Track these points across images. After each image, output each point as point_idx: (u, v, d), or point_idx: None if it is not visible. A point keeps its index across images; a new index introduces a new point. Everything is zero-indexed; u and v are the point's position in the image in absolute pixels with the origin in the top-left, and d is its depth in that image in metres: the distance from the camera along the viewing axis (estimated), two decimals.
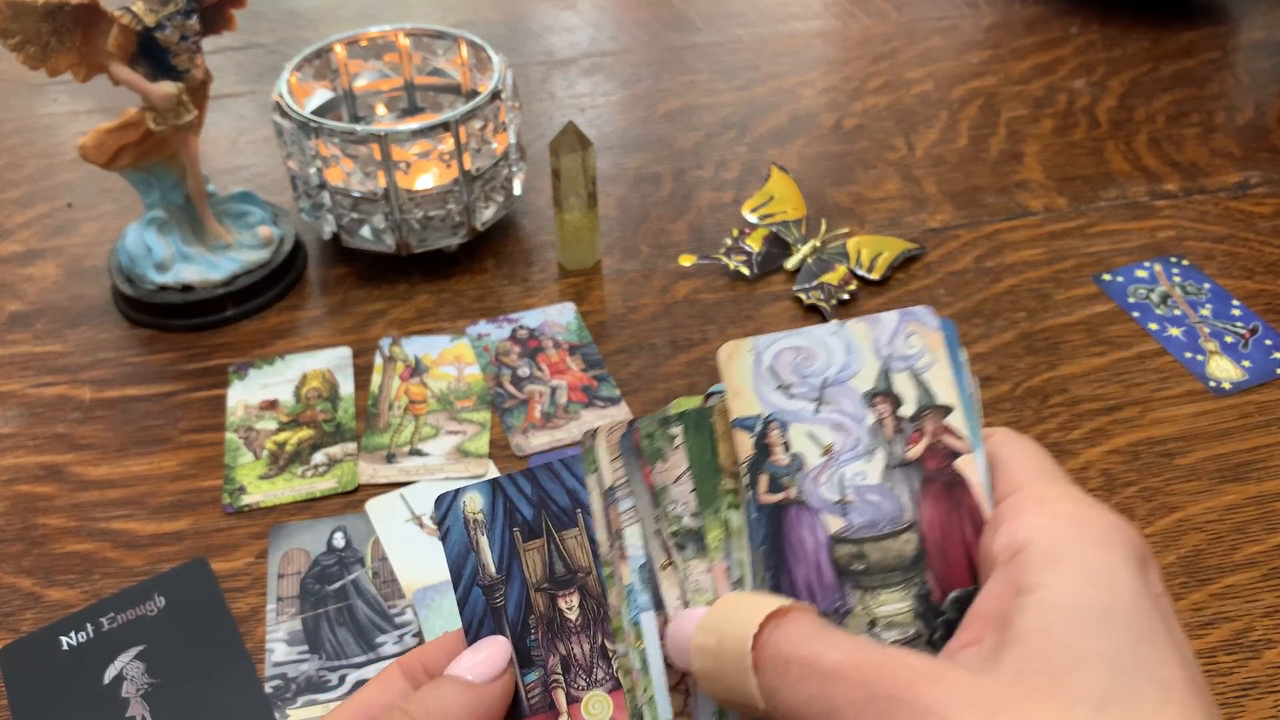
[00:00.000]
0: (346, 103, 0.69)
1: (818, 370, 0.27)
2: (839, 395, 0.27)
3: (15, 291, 0.64)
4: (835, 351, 0.28)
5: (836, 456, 0.27)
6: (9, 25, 0.51)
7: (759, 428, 0.27)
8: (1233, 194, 0.71)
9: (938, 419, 0.27)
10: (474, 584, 0.29)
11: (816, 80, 0.84)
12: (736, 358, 0.28)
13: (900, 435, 0.27)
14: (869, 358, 0.28)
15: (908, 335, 0.28)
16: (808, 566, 0.26)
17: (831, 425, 0.27)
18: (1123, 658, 0.21)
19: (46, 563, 0.49)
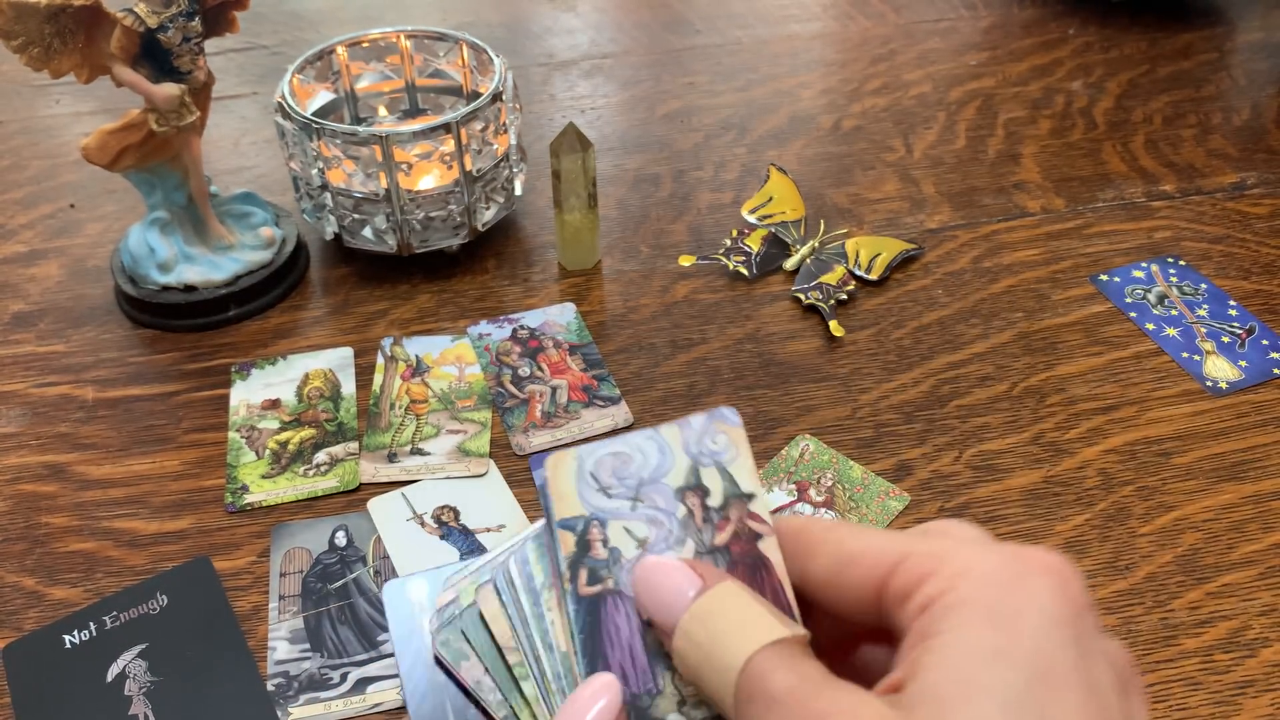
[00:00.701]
0: (348, 104, 0.69)
1: (634, 472, 0.30)
2: (653, 492, 0.30)
3: (18, 292, 0.65)
4: (649, 454, 0.30)
5: (650, 547, 0.29)
6: (12, 27, 0.51)
7: (580, 527, 0.29)
8: (1229, 195, 0.71)
9: (742, 506, 0.29)
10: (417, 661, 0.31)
11: (815, 82, 0.85)
12: (562, 467, 0.30)
13: (709, 524, 0.29)
14: (680, 456, 0.30)
15: (715, 434, 0.30)
16: (622, 652, 0.28)
17: (646, 520, 0.29)
18: (1014, 694, 0.22)
19: (49, 562, 0.49)
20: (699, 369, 0.58)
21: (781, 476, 0.52)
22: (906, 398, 0.56)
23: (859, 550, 0.26)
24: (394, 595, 0.31)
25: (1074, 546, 0.49)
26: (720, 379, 0.57)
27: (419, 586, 0.31)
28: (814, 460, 0.52)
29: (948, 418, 0.55)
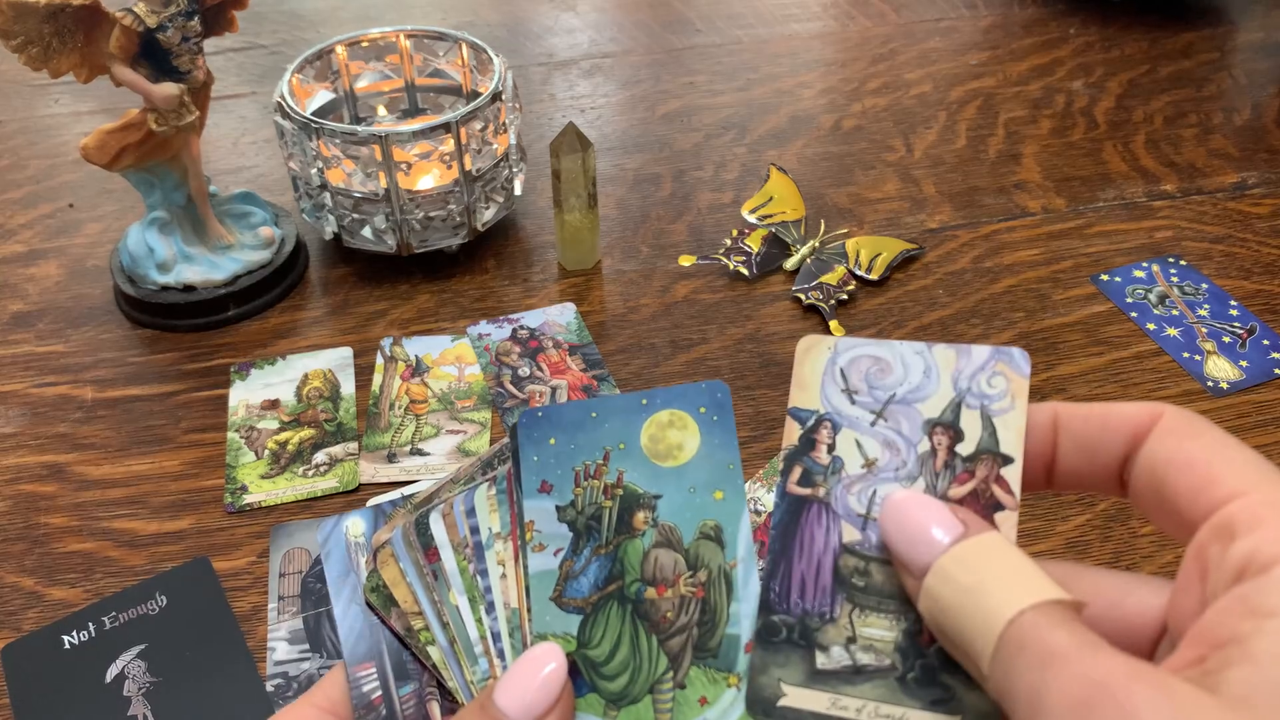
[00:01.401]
0: (348, 104, 0.69)
1: (889, 385, 0.27)
2: (901, 414, 0.27)
3: (17, 291, 0.65)
4: (913, 371, 0.27)
5: (876, 472, 0.27)
6: (11, 26, 0.51)
7: (810, 422, 0.27)
8: (1230, 194, 0.71)
9: (993, 466, 0.26)
10: (352, 602, 0.29)
11: (815, 81, 0.84)
12: (813, 353, 0.27)
13: (949, 471, 0.26)
14: (945, 386, 0.27)
15: (993, 374, 0.27)
16: (809, 562, 0.26)
17: (882, 441, 0.27)
18: None
19: (48, 562, 0.49)
20: (699, 369, 0.58)
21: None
22: None
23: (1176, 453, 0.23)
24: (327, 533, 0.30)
25: (1075, 547, 0.49)
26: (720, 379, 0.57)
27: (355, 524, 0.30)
28: None
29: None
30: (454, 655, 0.28)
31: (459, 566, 0.28)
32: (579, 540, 0.27)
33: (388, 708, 0.28)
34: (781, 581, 0.26)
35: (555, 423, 0.28)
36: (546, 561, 0.27)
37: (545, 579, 0.27)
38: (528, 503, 0.28)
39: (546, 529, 0.27)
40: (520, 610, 0.27)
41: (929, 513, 0.24)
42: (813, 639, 0.25)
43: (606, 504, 0.28)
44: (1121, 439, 0.24)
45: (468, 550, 0.28)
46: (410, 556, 0.28)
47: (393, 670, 0.28)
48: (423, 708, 0.28)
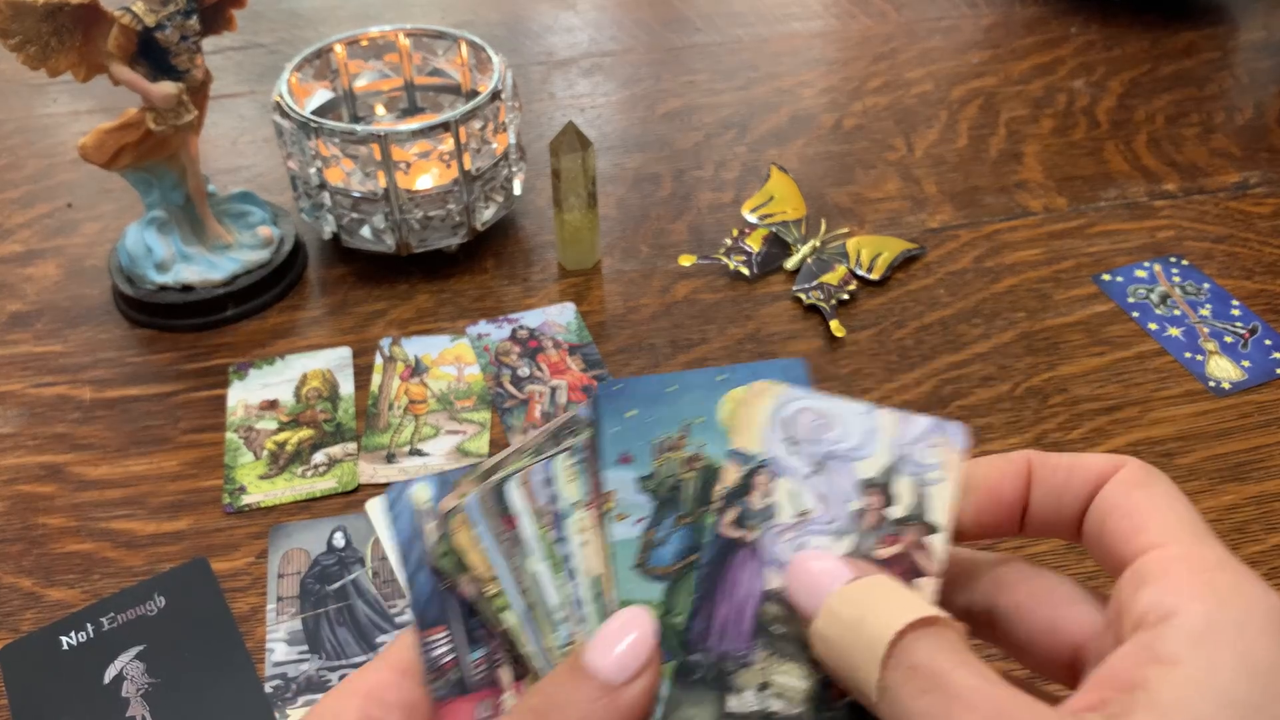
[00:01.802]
0: (346, 103, 0.69)
1: (829, 440, 0.28)
2: (838, 470, 0.28)
3: (15, 291, 0.64)
4: (854, 430, 0.28)
5: (808, 524, 0.27)
6: (9, 25, 0.51)
7: (751, 465, 0.28)
8: (1232, 194, 0.71)
9: (920, 533, 0.27)
10: (421, 567, 0.29)
11: (816, 80, 0.84)
12: (761, 399, 0.29)
13: (877, 532, 0.27)
14: (884, 450, 0.28)
15: (930, 445, 0.28)
16: (731, 607, 0.27)
17: (817, 494, 0.27)
18: None
19: (47, 562, 0.49)
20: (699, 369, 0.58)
21: None
22: (908, 398, 0.56)
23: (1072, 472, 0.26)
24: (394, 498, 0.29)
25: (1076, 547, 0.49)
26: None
27: (422, 489, 0.29)
28: None
29: (949, 418, 0.55)
30: (532, 621, 0.28)
31: (539, 533, 0.28)
32: (661, 510, 0.28)
33: (459, 672, 0.28)
34: (704, 621, 0.26)
35: (634, 396, 0.29)
36: (628, 530, 0.27)
37: (627, 547, 0.27)
38: (608, 474, 0.28)
39: (627, 499, 0.28)
40: (603, 577, 0.27)
41: (824, 563, 0.25)
42: (726, 682, 0.26)
43: (687, 476, 0.28)
44: (1085, 488, 0.26)
45: (547, 518, 0.28)
46: (487, 523, 0.28)
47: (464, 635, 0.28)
48: (493, 672, 0.28)
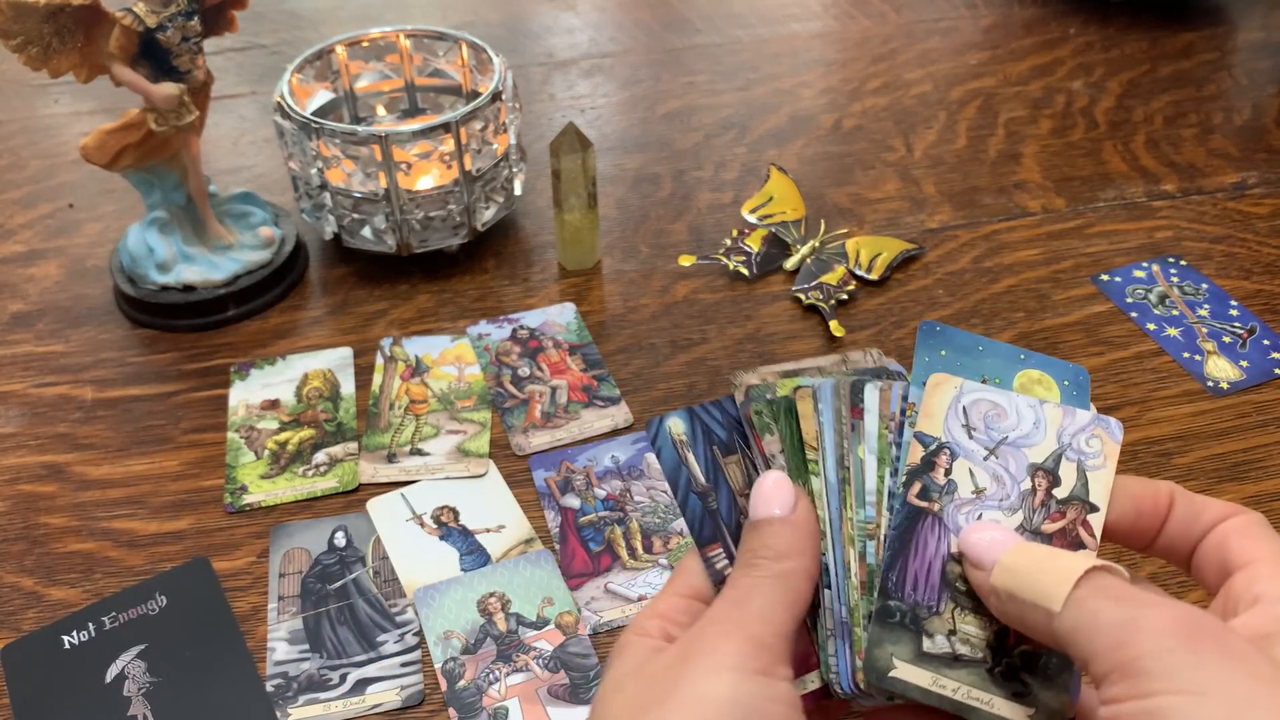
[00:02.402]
0: (347, 104, 0.69)
1: (1003, 428, 0.32)
2: (1010, 454, 0.32)
3: (17, 291, 0.65)
4: (1025, 420, 0.33)
5: (984, 499, 0.32)
6: (11, 26, 0.51)
7: (933, 447, 0.32)
8: (1230, 194, 0.71)
9: (1082, 511, 0.31)
10: (690, 492, 0.34)
11: (815, 81, 0.84)
12: (942, 389, 0.33)
13: (1044, 509, 0.31)
14: (1050, 438, 0.32)
15: (1092, 436, 0.32)
16: (921, 563, 0.31)
17: (992, 474, 0.32)
18: None
19: (48, 562, 0.49)
20: (699, 369, 0.58)
21: None
22: None
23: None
24: (654, 432, 0.35)
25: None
26: (720, 379, 0.57)
27: (676, 424, 0.35)
28: None
29: None
30: (839, 494, 0.33)
31: (879, 430, 0.33)
32: None
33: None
34: (898, 574, 0.31)
35: (949, 341, 0.35)
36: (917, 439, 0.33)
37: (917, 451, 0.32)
38: (914, 389, 0.33)
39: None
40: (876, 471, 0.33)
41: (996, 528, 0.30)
42: (921, 626, 0.30)
43: None
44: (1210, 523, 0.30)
45: (892, 423, 0.33)
46: (834, 405, 0.33)
47: (734, 546, 0.33)
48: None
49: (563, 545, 0.49)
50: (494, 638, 0.45)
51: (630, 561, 0.48)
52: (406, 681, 0.44)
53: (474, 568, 0.48)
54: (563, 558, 0.48)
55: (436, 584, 0.47)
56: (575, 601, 0.47)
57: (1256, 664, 0.24)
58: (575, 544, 0.49)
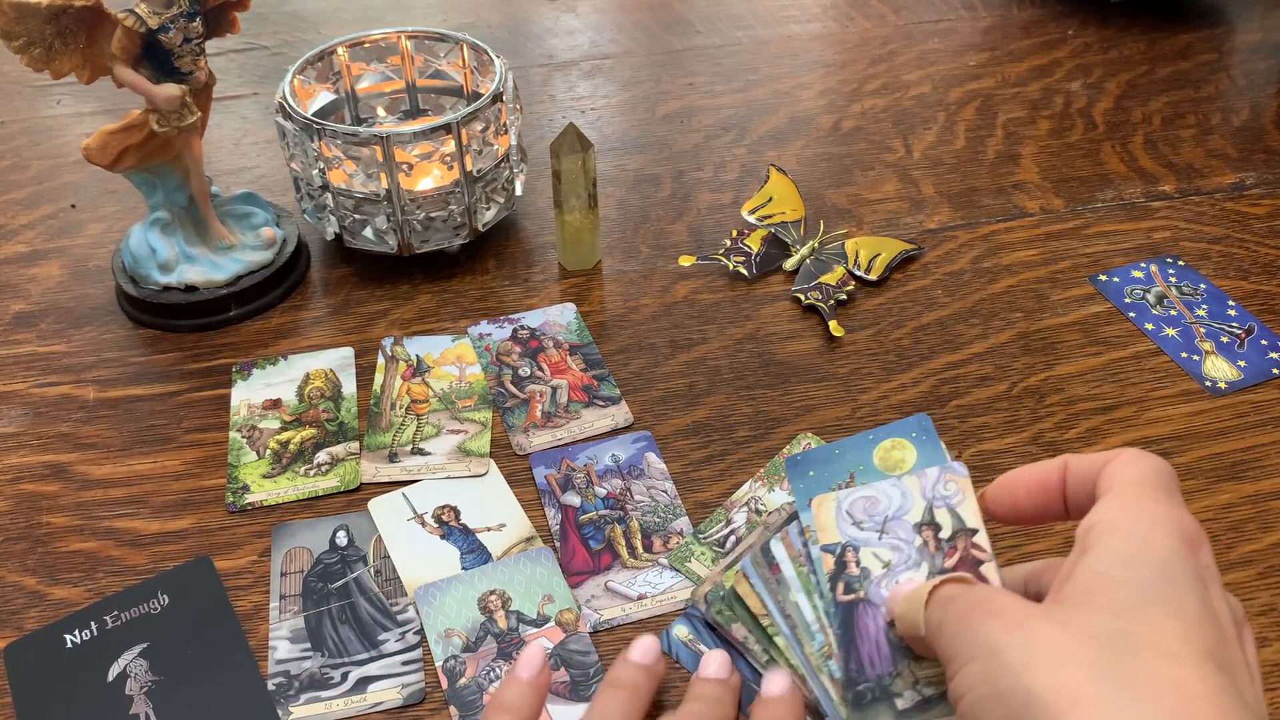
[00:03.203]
0: (349, 105, 0.69)
1: (881, 511, 0.39)
2: (896, 527, 0.38)
3: (20, 292, 0.65)
4: (894, 497, 0.39)
5: (893, 569, 0.37)
6: (13, 27, 0.51)
7: (838, 551, 0.39)
8: (1229, 195, 0.71)
9: (967, 538, 0.37)
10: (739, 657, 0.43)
11: (815, 82, 0.85)
12: (825, 506, 0.39)
13: (940, 552, 0.37)
14: (918, 499, 0.39)
15: (946, 482, 0.39)
16: (869, 645, 0.37)
17: (890, 547, 0.38)
18: (1145, 588, 0.29)
19: (51, 561, 0.49)
20: (699, 369, 0.58)
21: (782, 476, 0.52)
22: (906, 398, 0.56)
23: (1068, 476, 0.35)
24: (667, 645, 0.45)
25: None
26: (720, 379, 0.58)
27: (680, 630, 0.45)
28: None
29: (947, 417, 0.55)
30: (795, 639, 0.39)
31: (795, 571, 0.40)
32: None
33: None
34: (855, 661, 0.37)
35: (810, 462, 0.42)
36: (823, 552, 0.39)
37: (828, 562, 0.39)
38: (804, 514, 0.40)
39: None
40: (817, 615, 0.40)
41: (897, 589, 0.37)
42: (889, 693, 0.36)
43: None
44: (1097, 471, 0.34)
45: (801, 554, 0.40)
46: (759, 574, 0.41)
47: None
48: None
49: (563, 543, 0.49)
50: (494, 635, 0.45)
51: (630, 560, 0.48)
52: (408, 680, 0.44)
53: (475, 566, 0.48)
54: (563, 555, 0.49)
55: (437, 582, 0.48)
56: (575, 599, 0.47)
57: (1009, 617, 0.30)
58: (576, 542, 0.49)
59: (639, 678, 0.39)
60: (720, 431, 0.55)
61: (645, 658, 0.40)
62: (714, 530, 0.49)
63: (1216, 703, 0.26)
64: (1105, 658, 0.27)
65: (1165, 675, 0.27)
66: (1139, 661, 0.27)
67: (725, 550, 0.48)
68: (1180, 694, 0.26)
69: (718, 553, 0.48)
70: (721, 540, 0.49)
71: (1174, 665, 0.27)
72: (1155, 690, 0.27)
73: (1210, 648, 0.28)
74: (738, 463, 0.53)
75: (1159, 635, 0.28)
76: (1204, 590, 0.29)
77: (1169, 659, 0.27)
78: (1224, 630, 0.29)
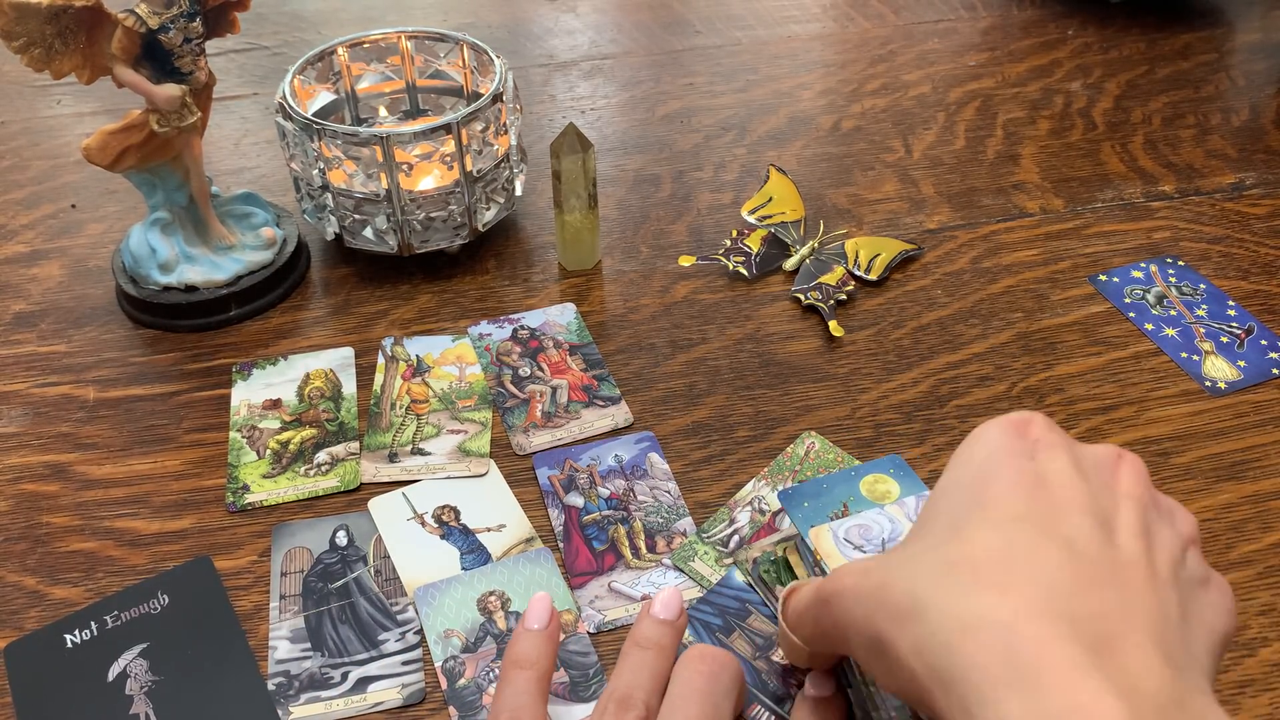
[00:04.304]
0: (349, 105, 0.69)
1: (876, 535, 0.42)
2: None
3: (20, 292, 0.65)
4: (884, 523, 0.43)
5: None
6: (13, 28, 0.51)
7: None
8: (1228, 195, 0.71)
9: None
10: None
11: (815, 82, 0.85)
12: (823, 535, 0.42)
13: None
14: (905, 523, 0.42)
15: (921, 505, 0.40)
16: None
17: None
18: (961, 507, 0.31)
19: (51, 561, 0.49)
20: (699, 369, 0.58)
21: (786, 475, 0.52)
22: (906, 398, 0.56)
23: None
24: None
25: None
26: (720, 379, 0.58)
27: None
28: (819, 459, 0.53)
29: (947, 417, 0.55)
30: None
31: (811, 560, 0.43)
32: None
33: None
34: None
35: (804, 495, 0.45)
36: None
37: None
38: (805, 545, 0.43)
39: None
40: None
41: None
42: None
43: None
44: None
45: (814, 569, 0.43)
46: (807, 554, 0.44)
47: None
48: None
49: (566, 544, 0.49)
50: (494, 636, 0.45)
51: (634, 561, 0.48)
52: (408, 680, 0.44)
53: (475, 566, 0.48)
54: (567, 556, 0.49)
55: (436, 583, 0.48)
56: (575, 600, 0.47)
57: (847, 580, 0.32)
58: (579, 542, 0.49)
59: (664, 635, 0.39)
60: (720, 431, 0.55)
61: (667, 612, 0.40)
62: (717, 530, 0.49)
63: (1014, 553, 0.29)
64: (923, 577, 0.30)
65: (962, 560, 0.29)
66: (955, 546, 0.30)
67: (729, 550, 0.48)
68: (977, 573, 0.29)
69: (721, 552, 0.48)
70: (725, 540, 0.49)
71: (969, 546, 0.29)
72: (968, 564, 0.29)
73: (1018, 510, 0.30)
74: (738, 463, 0.53)
75: (969, 542, 0.30)
76: (1024, 462, 0.31)
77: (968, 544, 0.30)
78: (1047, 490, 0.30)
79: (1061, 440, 0.32)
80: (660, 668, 0.38)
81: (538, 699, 0.37)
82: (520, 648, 0.39)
